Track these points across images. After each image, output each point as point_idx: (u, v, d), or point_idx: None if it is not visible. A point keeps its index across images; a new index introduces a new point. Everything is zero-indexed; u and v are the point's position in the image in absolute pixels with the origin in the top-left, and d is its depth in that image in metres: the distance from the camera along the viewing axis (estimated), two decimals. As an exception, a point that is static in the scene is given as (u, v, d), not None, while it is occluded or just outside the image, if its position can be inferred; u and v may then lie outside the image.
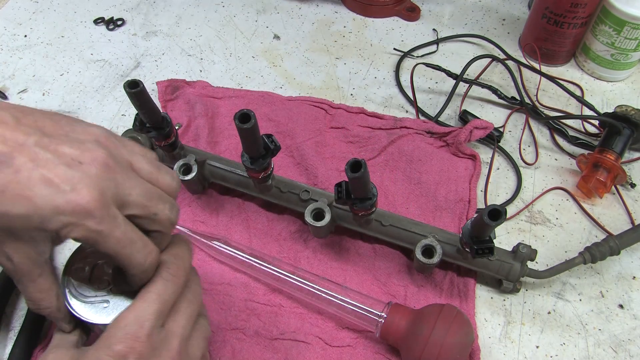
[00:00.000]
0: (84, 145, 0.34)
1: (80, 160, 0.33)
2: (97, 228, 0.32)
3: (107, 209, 0.33)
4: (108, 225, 0.33)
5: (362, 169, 0.42)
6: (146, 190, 0.36)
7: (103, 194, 0.33)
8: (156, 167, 0.38)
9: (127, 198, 0.35)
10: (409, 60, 0.80)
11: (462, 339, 0.47)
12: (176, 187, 0.39)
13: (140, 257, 0.35)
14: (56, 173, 0.32)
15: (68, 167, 0.32)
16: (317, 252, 0.59)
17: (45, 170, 0.32)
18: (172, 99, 0.72)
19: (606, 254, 0.56)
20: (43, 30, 0.82)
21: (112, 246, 0.34)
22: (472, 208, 0.62)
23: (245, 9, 0.87)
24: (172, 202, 0.38)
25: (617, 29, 0.71)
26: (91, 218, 0.32)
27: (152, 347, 0.35)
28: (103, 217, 0.33)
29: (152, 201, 0.36)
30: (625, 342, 0.54)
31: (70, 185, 0.32)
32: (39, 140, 0.33)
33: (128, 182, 0.35)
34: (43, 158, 0.32)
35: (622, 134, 0.64)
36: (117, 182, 0.34)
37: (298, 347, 0.52)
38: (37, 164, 0.32)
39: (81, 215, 0.32)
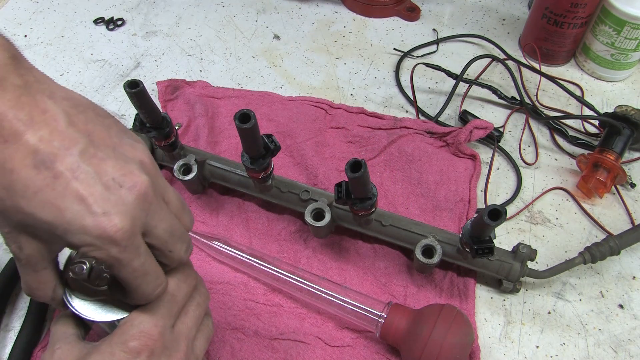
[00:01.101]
0: (127, 167, 0.33)
1: (120, 184, 0.32)
2: (118, 256, 0.32)
3: (133, 240, 0.32)
4: (129, 255, 0.33)
5: (362, 169, 0.42)
6: (172, 226, 0.36)
7: (133, 224, 0.32)
8: (182, 203, 0.38)
9: (153, 229, 0.34)
10: (409, 60, 0.80)
11: (462, 339, 0.47)
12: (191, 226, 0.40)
13: (149, 289, 0.35)
14: (92, 192, 0.31)
15: (106, 189, 0.32)
16: (317, 252, 0.59)
17: (82, 186, 0.31)
18: (172, 99, 0.72)
19: (606, 254, 0.56)
20: (43, 30, 0.82)
21: (126, 274, 0.34)
22: (472, 208, 0.62)
23: (245, 9, 0.87)
24: (189, 243, 0.38)
25: (617, 29, 0.71)
26: (115, 246, 0.32)
27: (164, 346, 0.36)
28: (127, 247, 0.32)
29: (173, 238, 0.36)
30: (625, 342, 0.54)
31: (103, 209, 0.31)
32: (84, 150, 0.32)
33: (158, 215, 0.34)
34: (84, 171, 0.31)
35: (622, 134, 0.64)
36: (149, 212, 0.34)
37: (297, 347, 0.52)
38: (77, 176, 0.31)
39: (106, 241, 0.31)
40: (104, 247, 0.32)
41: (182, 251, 0.37)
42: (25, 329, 0.51)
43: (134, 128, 0.53)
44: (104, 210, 0.31)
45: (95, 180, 0.32)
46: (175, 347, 0.37)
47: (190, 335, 0.39)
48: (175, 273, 0.39)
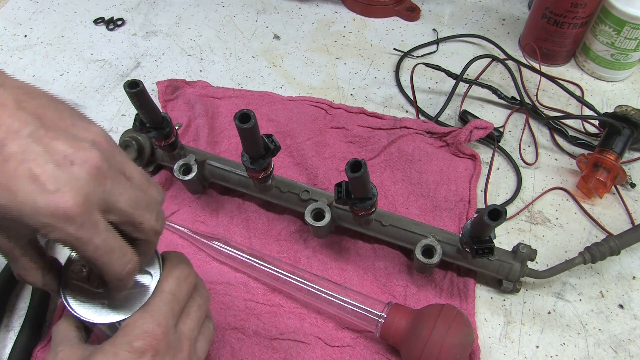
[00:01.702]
0: (79, 144, 0.32)
1: (71, 160, 0.32)
2: (76, 234, 0.31)
3: (88, 215, 0.32)
4: (88, 232, 0.32)
5: (362, 169, 0.42)
6: (135, 197, 0.35)
7: (87, 200, 0.31)
8: (146, 177, 0.37)
9: (114, 204, 0.34)
10: (409, 60, 0.80)
11: (462, 339, 0.47)
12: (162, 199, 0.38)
13: (117, 266, 0.35)
14: (44, 170, 0.31)
15: (57, 167, 0.31)
16: (317, 252, 0.59)
17: (33, 165, 0.31)
18: (172, 99, 0.72)
19: (606, 254, 0.56)
20: (43, 30, 0.82)
21: (90, 253, 0.33)
22: (472, 208, 0.62)
23: (245, 9, 0.87)
24: (158, 211, 0.37)
25: (617, 29, 0.71)
26: (71, 223, 0.31)
27: (168, 346, 0.36)
28: (83, 223, 0.31)
29: (138, 209, 0.35)
30: (625, 342, 0.54)
31: (56, 186, 0.30)
32: (34, 131, 0.31)
33: (117, 188, 0.34)
34: (34, 151, 0.31)
35: (622, 134, 0.64)
36: (105, 187, 0.33)
37: (297, 347, 0.52)
38: (27, 156, 0.31)
39: (61, 219, 0.31)
40: (60, 226, 0.31)
41: (153, 220, 0.36)
42: (25, 329, 0.51)
43: (134, 128, 0.53)
44: (57, 187, 0.31)
45: (46, 159, 0.31)
46: (179, 347, 0.37)
47: (192, 336, 0.39)
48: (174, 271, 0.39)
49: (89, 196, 0.32)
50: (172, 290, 0.38)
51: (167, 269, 0.40)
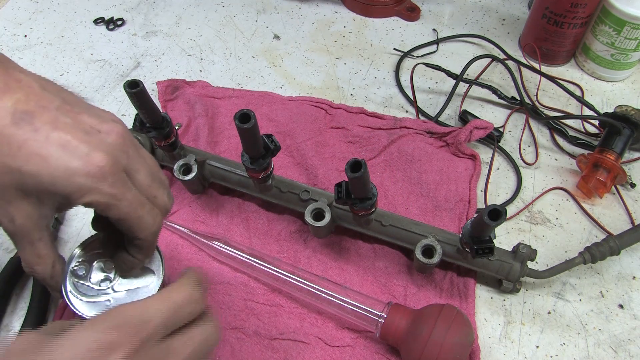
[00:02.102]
0: (102, 118, 0.35)
1: (98, 129, 0.34)
2: (110, 191, 0.33)
3: (119, 174, 0.34)
4: (121, 189, 0.34)
5: (362, 169, 0.42)
6: (152, 172, 0.37)
7: (117, 161, 0.34)
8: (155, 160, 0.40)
9: (135, 174, 0.36)
10: (409, 60, 0.80)
11: (462, 339, 0.47)
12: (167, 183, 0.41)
13: (150, 218, 0.37)
14: (74, 136, 0.33)
15: (86, 133, 0.34)
16: (317, 252, 0.59)
17: (63, 133, 0.33)
18: (172, 99, 0.72)
19: (606, 254, 0.56)
20: (43, 30, 0.82)
21: (124, 209, 0.35)
22: (472, 208, 0.62)
23: (245, 9, 0.87)
24: (169, 191, 0.40)
25: (617, 29, 0.71)
26: (104, 181, 0.33)
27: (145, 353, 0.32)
28: (115, 181, 0.34)
29: (155, 183, 0.37)
30: (625, 342, 0.54)
31: (87, 149, 0.33)
32: (60, 106, 0.34)
33: (138, 161, 0.36)
34: (63, 122, 0.33)
35: (622, 134, 0.64)
36: (129, 156, 0.35)
37: (297, 347, 0.52)
38: (57, 126, 0.33)
39: (95, 178, 0.33)
40: (95, 186, 0.33)
41: (165, 197, 0.38)
42: (26, 329, 0.51)
43: (134, 128, 0.53)
44: (88, 150, 0.33)
45: (75, 128, 0.34)
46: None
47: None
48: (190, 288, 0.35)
49: (117, 158, 0.34)
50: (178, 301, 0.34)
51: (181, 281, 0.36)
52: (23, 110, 0.33)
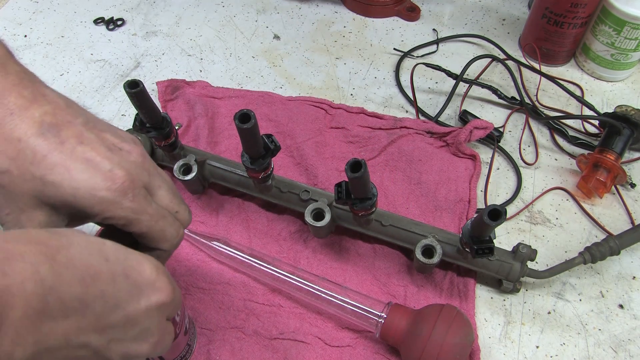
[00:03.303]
0: (123, 138, 0.37)
1: (120, 147, 0.36)
2: (131, 205, 0.34)
3: (140, 190, 0.35)
4: (142, 203, 0.35)
5: (362, 169, 0.42)
6: (172, 189, 0.39)
7: (138, 178, 0.35)
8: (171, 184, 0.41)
9: (156, 190, 0.37)
10: (409, 60, 0.80)
11: (462, 339, 0.47)
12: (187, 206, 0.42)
13: (173, 230, 0.38)
14: (98, 152, 0.34)
15: (109, 150, 0.35)
16: (317, 252, 0.59)
17: (88, 148, 0.34)
18: (172, 99, 0.72)
19: (606, 254, 0.56)
20: (43, 30, 0.82)
21: (146, 222, 0.36)
22: (472, 208, 0.62)
23: (245, 9, 0.87)
24: (188, 207, 0.41)
25: (617, 29, 0.71)
26: (125, 196, 0.34)
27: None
28: (136, 195, 0.35)
29: (176, 199, 0.39)
30: (625, 342, 0.54)
31: (110, 165, 0.34)
32: (85, 122, 0.35)
33: (158, 179, 0.38)
34: (87, 137, 0.34)
35: (622, 134, 0.64)
36: (150, 174, 0.37)
37: (297, 347, 0.52)
38: (82, 141, 0.34)
39: (117, 193, 0.34)
40: (116, 200, 0.34)
41: (186, 212, 0.40)
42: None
43: (134, 128, 0.53)
44: (110, 167, 0.34)
45: (99, 144, 0.35)
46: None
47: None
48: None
49: (139, 175, 0.36)
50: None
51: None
52: (50, 122, 0.34)
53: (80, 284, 0.29)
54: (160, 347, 0.36)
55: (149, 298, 0.33)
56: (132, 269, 0.33)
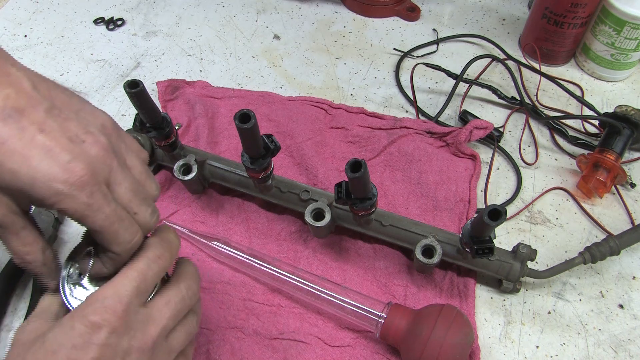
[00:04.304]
0: (89, 127, 0.35)
1: (83, 139, 0.34)
2: (88, 201, 0.33)
3: (99, 186, 0.34)
4: (99, 200, 0.34)
5: (362, 169, 0.42)
6: (134, 187, 0.37)
7: (98, 173, 0.34)
8: (146, 170, 0.39)
9: (115, 187, 0.35)
10: (409, 60, 0.80)
11: (462, 339, 0.47)
12: (157, 195, 0.40)
13: (127, 234, 0.36)
14: (58, 142, 0.33)
15: (70, 141, 0.33)
16: (317, 252, 0.59)
17: (48, 138, 0.33)
18: (172, 99, 0.72)
19: (606, 254, 0.56)
20: (43, 30, 0.82)
21: (100, 221, 0.34)
22: (472, 208, 0.62)
23: (245, 9, 0.87)
24: (154, 207, 0.39)
25: (617, 29, 0.71)
26: (82, 191, 0.33)
27: (128, 325, 0.35)
28: (94, 191, 0.33)
29: (136, 199, 0.37)
30: (625, 342, 0.54)
31: (69, 157, 0.33)
32: (49, 109, 0.34)
33: (120, 174, 0.36)
34: (50, 125, 0.33)
35: (622, 134, 0.64)
36: (111, 169, 0.35)
37: (297, 347, 0.52)
38: (43, 129, 0.33)
39: (74, 186, 0.32)
40: (73, 193, 0.33)
41: (147, 214, 0.37)
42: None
43: (134, 128, 0.53)
44: (70, 158, 0.33)
45: (60, 134, 0.33)
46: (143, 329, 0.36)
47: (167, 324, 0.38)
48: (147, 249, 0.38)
49: (98, 171, 0.34)
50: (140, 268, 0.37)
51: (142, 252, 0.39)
52: (12, 107, 0.32)
53: None
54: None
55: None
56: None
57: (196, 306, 0.42)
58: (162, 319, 0.38)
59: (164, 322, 0.38)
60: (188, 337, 0.41)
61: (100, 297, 0.35)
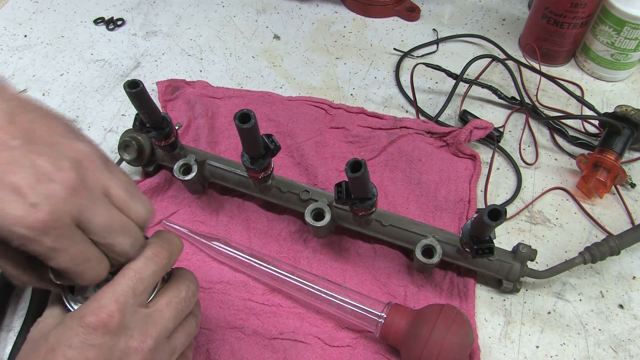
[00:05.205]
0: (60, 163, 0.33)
1: (52, 178, 0.33)
2: (51, 245, 0.33)
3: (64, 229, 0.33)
4: (63, 243, 0.33)
5: (362, 169, 0.42)
6: (109, 220, 0.36)
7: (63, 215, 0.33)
8: (130, 195, 0.38)
9: (87, 224, 0.34)
10: (409, 60, 0.80)
11: (462, 339, 0.47)
12: (146, 217, 0.39)
13: (93, 273, 0.36)
14: (26, 183, 0.32)
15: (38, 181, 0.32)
16: (316, 252, 0.59)
17: (16, 178, 0.32)
18: (172, 99, 0.72)
19: (606, 254, 0.56)
20: (43, 30, 0.82)
21: (65, 263, 0.34)
22: (472, 208, 0.62)
23: (245, 9, 0.87)
24: (135, 237, 0.38)
25: (617, 29, 0.71)
26: (46, 235, 0.32)
27: (124, 325, 0.35)
28: (59, 235, 0.33)
29: (111, 232, 0.36)
30: (625, 342, 0.54)
31: (35, 199, 0.32)
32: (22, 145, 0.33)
33: (92, 209, 0.35)
34: (20, 164, 0.32)
35: (622, 134, 0.64)
36: (80, 207, 0.34)
37: (297, 347, 0.52)
38: (12, 169, 0.32)
39: (37, 231, 0.32)
40: (38, 238, 0.32)
41: (125, 245, 0.37)
42: (26, 329, 0.51)
43: (134, 128, 0.53)
44: (34, 201, 0.32)
45: (29, 173, 0.32)
46: (142, 330, 0.36)
47: (165, 324, 0.38)
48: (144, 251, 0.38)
49: (65, 212, 0.33)
50: (137, 268, 0.37)
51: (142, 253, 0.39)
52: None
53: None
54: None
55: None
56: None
57: (195, 308, 0.42)
58: (162, 320, 0.38)
59: (164, 323, 0.38)
60: (188, 338, 0.41)
61: (98, 297, 0.36)
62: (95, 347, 0.34)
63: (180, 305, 0.39)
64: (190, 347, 0.43)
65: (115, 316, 0.35)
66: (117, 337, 0.35)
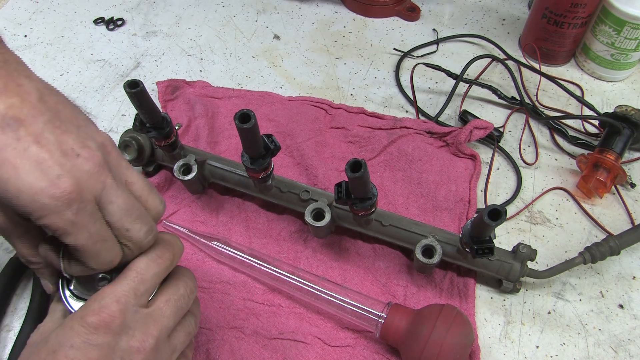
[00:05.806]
0: (87, 142, 0.34)
1: (78, 153, 0.33)
2: (73, 218, 0.33)
3: (86, 204, 0.33)
4: (84, 219, 0.33)
5: (362, 169, 0.42)
6: (128, 204, 0.36)
7: (87, 190, 0.33)
8: (149, 187, 0.38)
9: (107, 205, 0.35)
10: (409, 60, 0.80)
11: (462, 339, 0.47)
12: (161, 211, 0.39)
13: (108, 255, 0.36)
14: (51, 155, 0.32)
15: (64, 155, 0.33)
16: (317, 252, 0.59)
17: (41, 150, 0.32)
18: (172, 99, 0.72)
19: (606, 254, 0.56)
20: (43, 30, 0.82)
21: (82, 240, 0.34)
22: (472, 208, 0.62)
23: (245, 9, 0.87)
24: (151, 226, 0.38)
25: (617, 29, 0.71)
26: (68, 208, 0.32)
27: (126, 325, 0.35)
28: (81, 209, 0.33)
29: (129, 216, 0.36)
30: (625, 342, 0.54)
31: (59, 171, 0.32)
32: (49, 120, 0.33)
33: (115, 191, 0.35)
34: (46, 137, 0.33)
35: (622, 134, 0.64)
36: (104, 186, 0.34)
37: (297, 347, 0.52)
38: (38, 140, 0.32)
39: (60, 202, 0.32)
40: (59, 209, 0.32)
41: (141, 232, 0.37)
42: (25, 329, 0.51)
43: (134, 128, 0.53)
44: (59, 173, 0.32)
45: (55, 147, 0.33)
46: (143, 330, 0.36)
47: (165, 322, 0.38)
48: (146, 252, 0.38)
49: (89, 187, 0.33)
50: (139, 268, 0.37)
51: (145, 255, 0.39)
52: (12, 116, 0.32)
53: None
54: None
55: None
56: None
57: (194, 307, 0.42)
58: (162, 318, 0.38)
59: (165, 321, 0.38)
60: (188, 337, 0.41)
61: (99, 297, 0.36)
62: (97, 347, 0.34)
63: (179, 302, 0.39)
64: (190, 347, 0.43)
65: (117, 316, 0.35)
66: (118, 337, 0.35)
